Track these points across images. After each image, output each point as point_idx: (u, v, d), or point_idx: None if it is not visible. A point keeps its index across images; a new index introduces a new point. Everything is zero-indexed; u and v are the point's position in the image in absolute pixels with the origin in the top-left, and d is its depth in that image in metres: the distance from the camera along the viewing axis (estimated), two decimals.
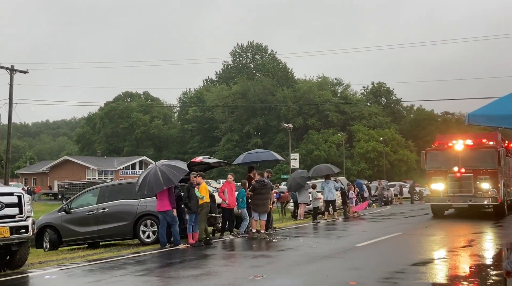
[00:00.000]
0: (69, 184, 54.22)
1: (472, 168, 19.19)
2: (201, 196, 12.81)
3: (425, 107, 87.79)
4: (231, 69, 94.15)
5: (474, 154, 19.48)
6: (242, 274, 8.52)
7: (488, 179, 18.95)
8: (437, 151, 20.59)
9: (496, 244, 12.51)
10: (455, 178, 19.33)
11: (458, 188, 19.30)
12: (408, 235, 14.48)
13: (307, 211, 22.12)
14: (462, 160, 19.43)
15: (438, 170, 19.88)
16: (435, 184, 19.82)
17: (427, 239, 13.38)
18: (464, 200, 19.30)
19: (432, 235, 14.17)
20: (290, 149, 50.17)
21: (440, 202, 19.92)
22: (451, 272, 8.68)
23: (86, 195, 15.64)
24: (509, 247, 11.48)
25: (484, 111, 4.29)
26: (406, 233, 14.90)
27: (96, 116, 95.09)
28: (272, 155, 17.95)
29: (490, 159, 19.28)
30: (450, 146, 20.11)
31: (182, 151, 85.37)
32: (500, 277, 8.09)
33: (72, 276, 9.32)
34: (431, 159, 20.44)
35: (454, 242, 12.52)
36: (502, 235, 14.36)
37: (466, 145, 19.74)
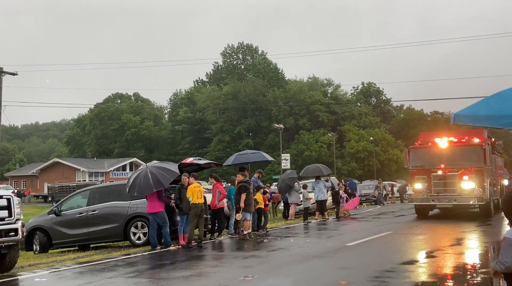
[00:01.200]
0: (59, 186, 53.89)
1: (457, 166, 18.47)
2: (188, 198, 12.75)
3: (414, 107, 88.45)
4: (221, 70, 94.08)
5: (458, 152, 18.78)
6: (233, 275, 8.55)
7: (473, 178, 18.20)
8: (420, 149, 19.74)
9: (483, 242, 12.64)
10: (439, 177, 18.59)
11: (442, 187, 18.56)
12: (398, 234, 14.58)
13: (298, 211, 22.19)
14: (446, 158, 18.69)
15: (422, 169, 19.08)
16: (419, 183, 19.00)
17: (417, 238, 13.49)
18: (448, 199, 18.52)
19: (421, 234, 14.29)
20: (281, 149, 50.26)
21: (424, 202, 19.09)
22: (439, 271, 8.76)
23: (76, 197, 15.58)
24: (497, 246, 11.59)
25: (469, 111, 4.33)
26: (396, 232, 15.00)
27: (86, 118, 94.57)
28: (262, 155, 17.98)
29: (475, 156, 18.56)
30: (434, 143, 19.33)
31: (173, 152, 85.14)
32: (487, 275, 8.19)
33: (63, 279, 9.29)
34: (414, 157, 19.64)
35: (443, 241, 12.63)
36: (489, 234, 14.51)
37: (450, 142, 19.03)
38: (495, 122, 4.09)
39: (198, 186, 13.12)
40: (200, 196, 12.87)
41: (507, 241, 3.73)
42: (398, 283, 7.63)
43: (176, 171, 13.21)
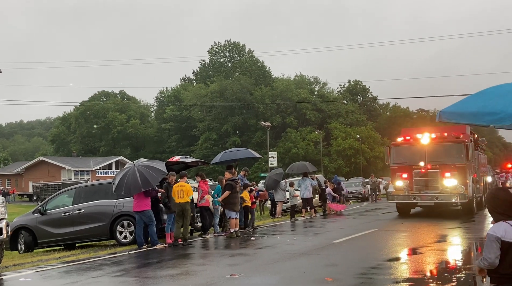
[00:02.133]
0: (44, 185, 53.37)
1: (438, 163, 17.93)
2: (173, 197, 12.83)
3: (400, 105, 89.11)
4: (208, 67, 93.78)
5: (441, 148, 18.22)
6: (220, 273, 8.55)
7: (455, 175, 17.71)
8: (401, 145, 19.14)
9: (467, 239, 12.78)
10: (420, 174, 18.05)
11: (424, 184, 18.03)
12: (384, 231, 14.69)
13: (285, 209, 22.25)
14: (428, 155, 18.12)
15: (403, 166, 18.55)
16: (400, 181, 18.48)
17: (402, 235, 13.61)
18: (430, 197, 17.97)
19: (407, 231, 14.41)
20: (268, 147, 50.30)
21: (405, 200, 18.52)
22: (425, 267, 8.85)
23: (62, 196, 15.45)
24: (480, 243, 11.73)
25: (454, 108, 4.38)
26: (381, 229, 15.12)
27: (71, 116, 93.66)
28: (249, 152, 18.02)
29: (457, 153, 18.08)
30: (416, 139, 18.72)
31: (160, 150, 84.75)
32: (471, 272, 8.29)
33: (48, 278, 9.21)
34: (395, 154, 19.07)
35: (428, 238, 12.76)
36: (474, 230, 14.69)
37: (432, 139, 18.41)
38: (479, 119, 4.15)
39: (182, 185, 12.99)
40: (182, 195, 12.78)
41: (489, 237, 3.77)
42: (384, 280, 7.69)
43: (164, 170, 13.14)
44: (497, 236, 3.73)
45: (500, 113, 3.81)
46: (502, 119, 3.77)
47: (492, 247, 3.73)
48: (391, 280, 7.68)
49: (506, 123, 3.78)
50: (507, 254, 3.72)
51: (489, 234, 3.77)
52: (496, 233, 3.75)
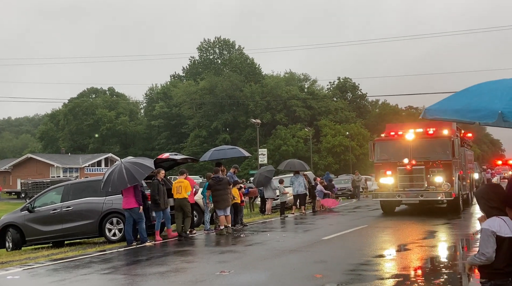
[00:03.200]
0: (32, 182, 52.87)
1: (424, 160, 17.45)
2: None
3: (389, 102, 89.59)
4: (198, 64, 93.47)
5: (426, 144, 17.74)
6: (209, 270, 8.55)
7: (441, 172, 17.23)
8: (386, 141, 18.60)
9: (455, 235, 12.89)
10: (405, 171, 17.54)
11: (408, 182, 17.53)
12: (373, 227, 14.77)
13: (275, 206, 22.29)
14: (413, 151, 17.62)
15: (387, 162, 18.02)
16: (384, 178, 17.98)
17: (391, 232, 13.68)
18: (415, 195, 17.44)
19: (396, 227, 14.49)
20: (258, 144, 50.28)
21: (389, 198, 18.03)
22: (414, 263, 8.92)
23: (50, 193, 15.33)
24: (466, 240, 11.83)
25: (439, 105, 4.44)
26: (370, 226, 15.19)
27: (60, 113, 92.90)
28: (239, 151, 18.00)
29: (443, 149, 17.56)
30: (400, 135, 18.15)
31: (149, 147, 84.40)
32: (457, 267, 8.36)
33: (36, 276, 9.15)
34: (379, 150, 18.53)
35: (417, 234, 12.84)
36: (463, 226, 14.84)
37: (417, 134, 17.86)
38: (463, 116, 4.20)
39: (180, 182, 13.54)
40: (180, 190, 13.35)
41: (485, 232, 3.77)
42: (373, 276, 7.74)
43: (151, 166, 13.15)
44: (493, 230, 3.76)
45: (483, 111, 3.84)
46: (485, 116, 3.81)
47: (489, 241, 3.74)
48: (379, 276, 7.72)
49: (489, 120, 3.82)
50: (501, 249, 3.75)
51: (484, 229, 3.78)
52: (491, 227, 3.78)
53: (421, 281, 7.45)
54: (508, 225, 3.79)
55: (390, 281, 7.35)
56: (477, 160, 71.56)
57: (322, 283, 7.32)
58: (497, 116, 3.68)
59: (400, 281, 7.36)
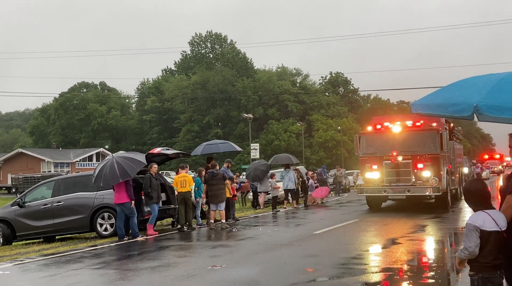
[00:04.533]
0: (23, 177, 52.61)
1: (411, 153, 16.81)
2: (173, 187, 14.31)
3: (381, 97, 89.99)
4: (190, 59, 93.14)
5: (413, 137, 17.07)
6: (201, 264, 8.56)
7: (428, 166, 16.62)
8: (372, 135, 17.89)
9: (447, 228, 12.98)
10: (391, 165, 16.93)
11: (395, 176, 16.91)
12: (364, 221, 14.84)
13: (267, 200, 22.32)
14: (400, 144, 16.98)
15: (373, 156, 17.37)
16: (370, 173, 17.35)
17: (382, 225, 13.75)
18: (401, 190, 16.82)
19: (387, 221, 14.55)
20: (250, 139, 50.28)
21: (375, 193, 17.42)
22: (404, 256, 8.98)
23: (41, 188, 15.27)
24: (454, 234, 11.92)
25: (424, 100, 4.51)
26: (362, 220, 15.26)
27: (51, 107, 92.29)
28: (231, 146, 17.99)
29: (431, 142, 16.89)
30: (387, 128, 17.49)
31: (141, 142, 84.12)
32: (445, 260, 8.43)
33: (27, 271, 9.12)
34: (365, 143, 17.86)
35: (408, 228, 12.91)
36: (453, 220, 14.94)
37: (404, 127, 17.19)
38: (444, 110, 4.25)
39: (184, 176, 14.13)
40: (185, 184, 13.95)
41: (468, 226, 3.83)
42: (364, 269, 7.79)
43: (143, 161, 13.13)
44: (476, 225, 3.81)
45: (461, 104, 3.90)
46: (463, 110, 3.86)
47: (472, 236, 3.80)
48: (370, 270, 7.77)
49: (466, 113, 3.88)
50: (486, 243, 3.81)
51: (468, 224, 3.85)
52: (474, 222, 3.83)
53: (411, 274, 7.51)
54: (494, 219, 3.83)
55: (381, 275, 7.40)
56: (468, 154, 72.16)
57: (314, 277, 7.36)
58: (472, 109, 3.73)
59: (391, 274, 7.42)
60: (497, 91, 3.74)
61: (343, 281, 7.05)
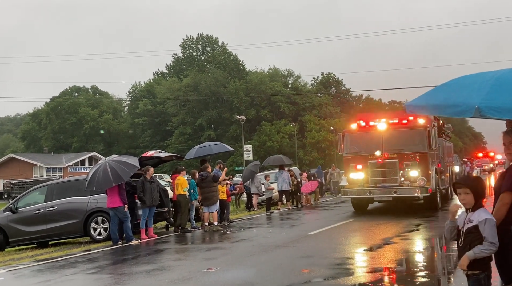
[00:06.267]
0: (15, 183, 52.24)
1: (397, 152, 15.90)
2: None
3: (373, 97, 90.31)
4: (181, 61, 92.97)
5: (399, 135, 16.14)
6: (196, 267, 8.54)
7: (416, 165, 15.76)
8: (356, 133, 16.92)
9: (442, 227, 13.02)
10: (377, 165, 15.98)
11: (380, 177, 15.95)
12: (358, 222, 14.85)
13: (261, 202, 22.33)
14: (385, 142, 16.02)
15: (357, 156, 16.47)
16: (354, 173, 16.45)
17: (376, 225, 13.76)
18: (388, 191, 15.85)
19: (381, 221, 14.56)
20: (243, 141, 50.31)
21: (360, 195, 16.47)
22: (400, 256, 9.01)
23: (33, 193, 15.18)
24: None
25: (418, 101, 4.43)
26: (356, 220, 15.28)
27: (42, 112, 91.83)
28: (224, 146, 18.00)
29: (418, 140, 16.02)
30: (372, 125, 16.51)
31: (134, 145, 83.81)
32: (445, 257, 8.46)
33: (21, 277, 9.05)
34: (349, 142, 16.91)
35: (402, 227, 12.94)
36: (447, 218, 14.93)
37: (390, 124, 16.25)
38: (442, 111, 4.20)
39: (178, 179, 14.43)
40: (178, 187, 14.23)
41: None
42: (359, 269, 7.81)
43: (136, 164, 13.08)
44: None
45: (461, 106, 3.85)
46: (464, 111, 3.82)
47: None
48: (366, 269, 7.79)
49: (467, 115, 3.84)
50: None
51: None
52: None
53: (406, 274, 7.53)
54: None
55: (376, 275, 7.42)
56: (460, 152, 72.53)
57: (309, 278, 7.36)
58: (474, 111, 3.69)
59: (386, 274, 7.44)
60: (497, 91, 3.71)
61: (338, 281, 7.06)
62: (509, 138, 4.11)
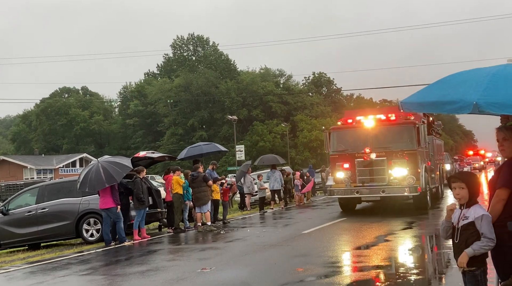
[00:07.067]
0: (5, 185, 51.78)
1: (385, 150, 15.37)
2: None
3: (364, 96, 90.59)
4: (172, 62, 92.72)
5: (387, 132, 15.63)
6: (190, 268, 8.50)
7: (404, 163, 15.16)
8: (343, 130, 16.41)
9: (434, 224, 13.07)
10: (364, 163, 15.48)
11: (368, 176, 15.44)
12: (351, 220, 14.86)
13: (254, 202, 22.32)
14: (373, 140, 15.53)
15: (344, 154, 15.94)
16: (341, 172, 15.86)
17: (370, 224, 13.77)
18: (375, 191, 15.30)
19: (374, 220, 14.58)
20: (235, 141, 50.28)
21: (347, 195, 15.89)
22: (392, 254, 9.03)
23: (24, 195, 15.06)
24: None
25: (414, 98, 4.40)
26: (349, 218, 15.29)
27: (32, 113, 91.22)
28: (215, 146, 17.94)
29: (407, 137, 15.50)
30: (359, 123, 15.99)
31: (125, 146, 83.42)
32: (439, 255, 8.48)
33: (13, 280, 8.97)
34: (336, 140, 16.35)
35: (394, 225, 12.98)
36: (440, 216, 15.03)
37: (378, 121, 15.72)
38: (439, 108, 4.17)
39: (171, 179, 14.36)
40: (176, 186, 14.22)
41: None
42: (353, 268, 7.81)
43: (129, 165, 13.02)
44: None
45: (459, 102, 3.82)
46: (462, 108, 3.79)
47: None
48: (360, 268, 7.79)
49: (466, 112, 3.82)
50: None
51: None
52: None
53: (400, 272, 7.54)
54: None
55: (371, 272, 7.42)
56: (451, 150, 72.93)
57: (303, 276, 7.35)
58: (472, 107, 3.68)
59: (380, 272, 7.44)
60: (494, 87, 3.71)
61: (333, 280, 7.05)
62: (502, 134, 4.11)
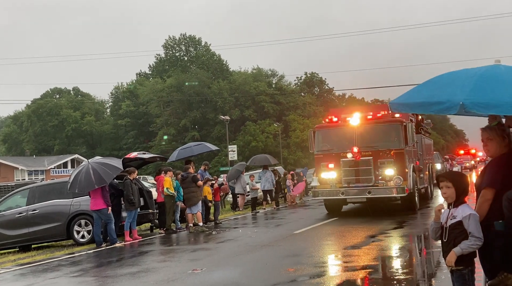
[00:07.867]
0: None
1: (371, 149, 14.85)
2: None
3: (356, 96, 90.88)
4: (164, 62, 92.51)
5: (373, 131, 15.13)
6: (181, 269, 8.49)
7: (391, 163, 14.65)
8: (327, 129, 15.91)
9: (425, 224, 13.13)
10: (350, 163, 14.92)
11: (354, 176, 14.88)
12: (343, 220, 14.90)
13: (246, 202, 22.33)
14: (359, 139, 14.97)
15: (329, 154, 15.39)
16: (325, 172, 15.32)
17: (361, 223, 13.81)
18: (361, 192, 14.78)
19: (365, 219, 14.61)
20: (228, 141, 50.26)
21: (332, 196, 15.38)
22: (383, 253, 9.06)
23: (15, 197, 14.98)
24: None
25: (402, 99, 4.41)
26: (340, 218, 15.33)
27: (23, 114, 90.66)
28: (206, 146, 17.81)
29: (394, 136, 14.99)
30: (344, 121, 15.49)
31: (117, 147, 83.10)
32: (432, 253, 8.52)
33: (3, 282, 8.90)
34: (320, 139, 15.81)
35: (386, 224, 13.03)
36: (429, 215, 15.10)
37: (364, 119, 15.19)
38: (427, 109, 4.19)
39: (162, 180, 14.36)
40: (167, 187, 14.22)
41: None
42: (344, 267, 7.83)
43: (120, 166, 12.98)
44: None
45: (446, 103, 3.83)
46: (449, 108, 3.81)
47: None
48: (351, 267, 7.82)
49: (452, 112, 3.84)
50: None
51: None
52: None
53: (392, 271, 7.58)
54: None
55: (362, 272, 7.45)
56: (442, 150, 73.30)
57: (295, 276, 7.36)
58: (458, 107, 3.70)
59: (371, 271, 7.47)
60: (480, 88, 3.72)
61: (324, 279, 7.07)
62: (486, 134, 4.14)
